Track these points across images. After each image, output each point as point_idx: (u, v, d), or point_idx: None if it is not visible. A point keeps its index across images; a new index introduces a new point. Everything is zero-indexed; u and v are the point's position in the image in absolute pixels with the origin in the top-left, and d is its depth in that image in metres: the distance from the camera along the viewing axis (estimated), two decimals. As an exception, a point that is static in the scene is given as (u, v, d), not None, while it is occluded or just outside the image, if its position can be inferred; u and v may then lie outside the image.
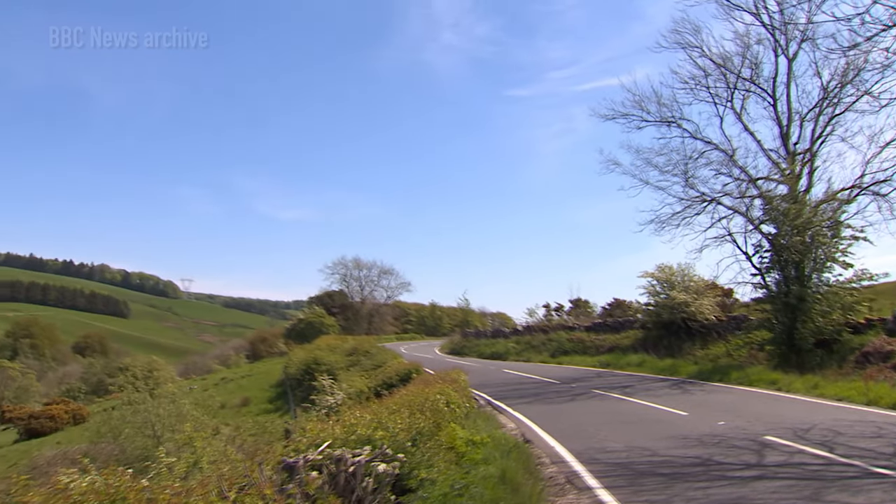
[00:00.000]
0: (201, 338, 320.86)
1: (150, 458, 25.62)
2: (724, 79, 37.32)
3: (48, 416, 61.30)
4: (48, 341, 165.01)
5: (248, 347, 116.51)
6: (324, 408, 30.29)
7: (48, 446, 47.75)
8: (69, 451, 37.32)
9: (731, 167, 36.70)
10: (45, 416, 61.41)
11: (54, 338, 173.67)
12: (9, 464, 46.11)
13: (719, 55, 37.07)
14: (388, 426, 10.52)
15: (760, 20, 35.52)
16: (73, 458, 33.05)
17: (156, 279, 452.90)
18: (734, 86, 37.21)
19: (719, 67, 37.21)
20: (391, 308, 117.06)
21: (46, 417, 60.93)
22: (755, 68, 36.53)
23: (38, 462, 36.04)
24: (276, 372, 64.19)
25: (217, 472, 9.78)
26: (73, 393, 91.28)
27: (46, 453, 39.45)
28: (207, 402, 43.75)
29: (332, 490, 7.58)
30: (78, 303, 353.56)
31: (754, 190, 35.47)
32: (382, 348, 55.19)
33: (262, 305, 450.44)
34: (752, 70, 36.58)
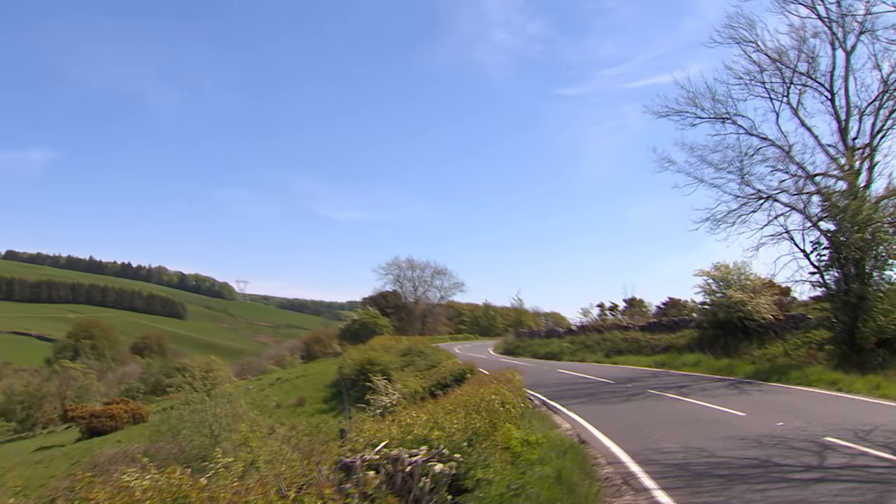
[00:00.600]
0: (256, 338, 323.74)
1: (208, 458, 25.92)
2: (780, 74, 36.75)
3: (108, 415, 62.24)
4: (108, 342, 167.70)
5: (303, 348, 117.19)
6: (378, 408, 30.38)
7: (109, 445, 48.51)
8: (129, 450, 37.82)
9: (787, 163, 36.10)
10: (106, 415, 62.36)
11: (114, 339, 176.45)
12: (72, 461, 46.95)
13: (774, 50, 36.52)
14: (444, 426, 10.53)
15: (817, 13, 35.00)
16: (133, 457, 33.56)
17: (212, 281, 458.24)
18: (790, 81, 36.61)
19: (775, 62, 36.64)
20: (445, 308, 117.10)
21: (107, 416, 61.87)
22: (812, 62, 35.93)
23: (99, 460, 36.60)
24: (331, 372, 64.49)
25: (274, 471, 9.87)
26: (132, 393, 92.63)
27: (107, 451, 40.05)
28: (263, 402, 44.11)
29: (390, 490, 7.61)
30: (136, 304, 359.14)
31: (812, 186, 34.90)
32: (436, 348, 55.19)
33: (317, 306, 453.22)
34: (808, 64, 35.99)
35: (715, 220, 37.49)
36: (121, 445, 44.47)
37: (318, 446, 21.50)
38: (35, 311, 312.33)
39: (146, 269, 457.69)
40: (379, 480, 7.47)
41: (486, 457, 10.46)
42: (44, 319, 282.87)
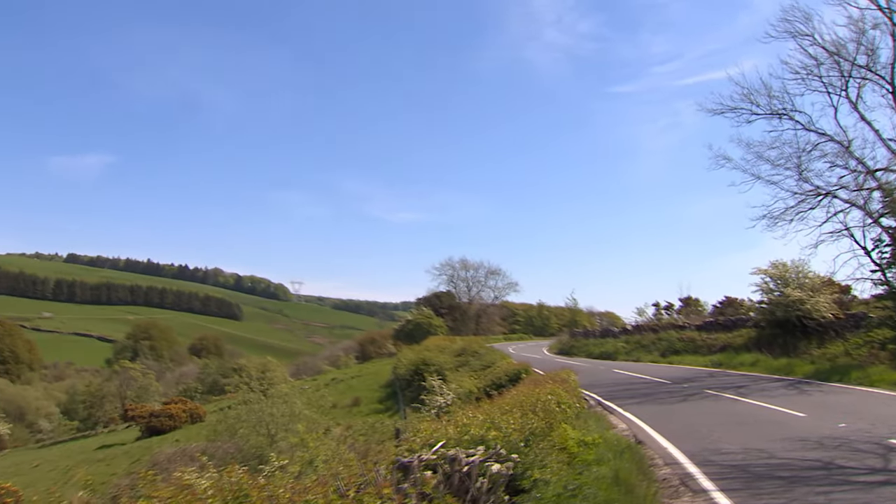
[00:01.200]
0: (311, 339, 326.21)
1: (265, 457, 26.17)
2: (838, 67, 36.00)
3: (167, 414, 63.09)
4: (166, 343, 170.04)
5: (358, 348, 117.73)
6: (433, 408, 30.44)
7: (168, 443, 49.23)
8: (188, 449, 38.28)
9: (847, 159, 35.41)
10: (165, 414, 63.21)
11: (172, 339, 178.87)
12: (132, 459, 47.70)
13: (832, 43, 35.78)
14: (500, 426, 10.52)
15: (876, 3, 34.22)
16: (192, 456, 33.99)
17: (267, 282, 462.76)
18: (849, 74, 35.84)
19: (832, 55, 35.91)
20: (499, 308, 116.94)
21: (166, 416, 62.72)
22: (871, 55, 35.14)
23: (158, 458, 37.13)
24: (386, 372, 64.73)
25: (331, 471, 9.92)
26: (189, 392, 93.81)
27: (166, 450, 40.63)
28: (319, 402, 44.39)
29: (448, 490, 7.60)
30: (193, 306, 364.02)
31: (872, 182, 34.24)
32: (491, 349, 55.17)
33: (371, 307, 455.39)
34: (867, 57, 35.21)
35: (772, 218, 36.95)
36: (179, 444, 45.06)
37: (373, 446, 21.63)
38: (96, 312, 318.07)
39: (203, 271, 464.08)
40: (436, 480, 7.48)
41: (542, 457, 10.42)
42: (104, 321, 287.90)
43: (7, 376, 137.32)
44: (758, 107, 37.87)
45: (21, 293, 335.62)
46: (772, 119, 37.70)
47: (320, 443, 23.97)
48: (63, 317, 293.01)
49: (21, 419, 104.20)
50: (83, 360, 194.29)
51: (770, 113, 37.61)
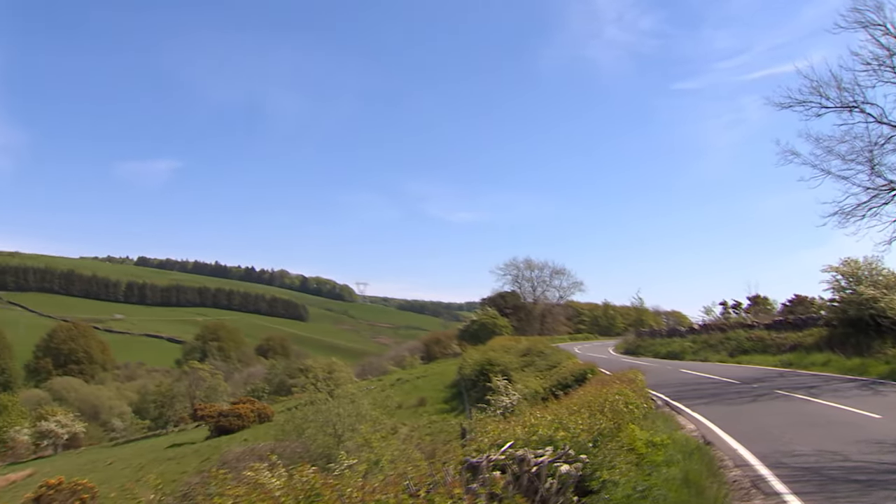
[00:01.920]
0: (377, 339, 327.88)
1: (332, 457, 26.35)
2: (912, 57, 35.09)
3: (236, 414, 63.93)
4: (233, 344, 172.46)
5: (423, 349, 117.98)
6: (499, 408, 30.35)
7: (236, 443, 49.89)
8: (256, 448, 38.69)
9: (922, 152, 34.53)
10: (233, 414, 64.07)
11: (239, 340, 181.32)
12: (202, 458, 48.44)
13: (905, 32, 34.88)
14: (568, 427, 10.47)
15: (955, -11, 33.32)
16: (260, 455, 34.32)
17: (332, 283, 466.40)
18: (923, 64, 34.92)
19: (906, 45, 35.02)
20: (564, 308, 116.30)
21: (234, 416, 63.56)
22: (946, 45, 34.21)
23: (227, 458, 37.59)
24: (451, 373, 64.76)
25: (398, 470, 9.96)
26: (257, 393, 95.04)
27: (235, 449, 41.16)
28: (385, 403, 44.58)
29: (517, 490, 7.59)
30: (260, 307, 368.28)
31: (949, 176, 33.35)
32: (556, 348, 54.87)
33: (436, 307, 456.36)
34: (942, 46, 34.28)
35: (844, 214, 36.11)
36: (248, 444, 45.62)
37: (440, 446, 21.62)
38: (165, 314, 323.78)
39: (269, 272, 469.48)
40: (506, 481, 7.46)
41: (611, 458, 10.35)
42: (173, 322, 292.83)
43: (81, 376, 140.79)
44: (827, 100, 37.01)
45: (94, 296, 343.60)
46: (842, 112, 36.80)
47: (387, 443, 24.06)
48: (134, 318, 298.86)
49: (95, 418, 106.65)
50: (154, 360, 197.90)
51: (840, 106, 36.74)
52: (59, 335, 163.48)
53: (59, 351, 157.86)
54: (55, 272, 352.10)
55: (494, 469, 7.73)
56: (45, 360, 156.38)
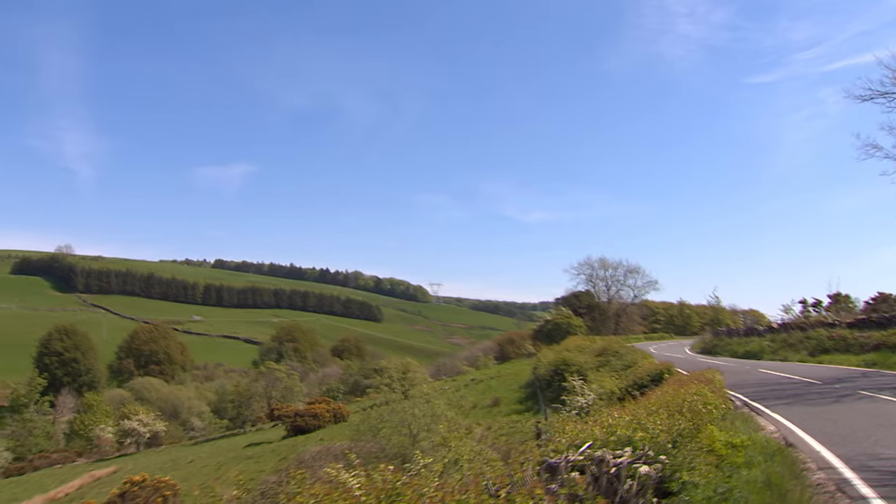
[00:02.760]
0: (450, 340, 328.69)
1: (408, 457, 26.48)
2: None
3: (312, 414, 64.58)
4: (309, 344, 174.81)
5: (496, 349, 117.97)
6: (574, 408, 30.23)
7: (312, 442, 50.47)
8: (332, 448, 39.08)
9: None
10: (309, 414, 64.75)
11: (314, 341, 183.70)
12: (279, 457, 49.08)
13: None
14: (647, 427, 10.38)
15: None
16: (336, 454, 34.72)
17: (406, 284, 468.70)
18: None
19: None
20: (638, 307, 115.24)
21: (310, 415, 64.22)
22: None
23: (304, 457, 38.06)
24: (525, 373, 64.56)
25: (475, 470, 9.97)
26: (332, 393, 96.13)
27: (311, 449, 41.65)
28: (460, 403, 44.67)
29: (596, 492, 7.55)
30: (335, 308, 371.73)
31: None
32: (632, 348, 54.35)
33: (509, 307, 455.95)
34: None
35: (929, 210, 35.10)
36: (324, 443, 46.09)
37: (515, 446, 21.60)
38: (242, 315, 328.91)
39: (344, 274, 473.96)
40: (585, 482, 7.43)
41: (690, 459, 10.23)
42: (250, 324, 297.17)
43: (162, 376, 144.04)
44: (911, 90, 36.01)
45: (174, 298, 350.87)
46: (927, 103, 35.79)
47: (462, 443, 24.11)
48: (212, 320, 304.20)
49: (175, 417, 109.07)
50: (231, 361, 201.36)
51: (925, 97, 35.73)
52: (141, 336, 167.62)
53: (140, 352, 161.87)
54: (136, 275, 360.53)
55: (573, 470, 7.70)
56: (127, 361, 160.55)
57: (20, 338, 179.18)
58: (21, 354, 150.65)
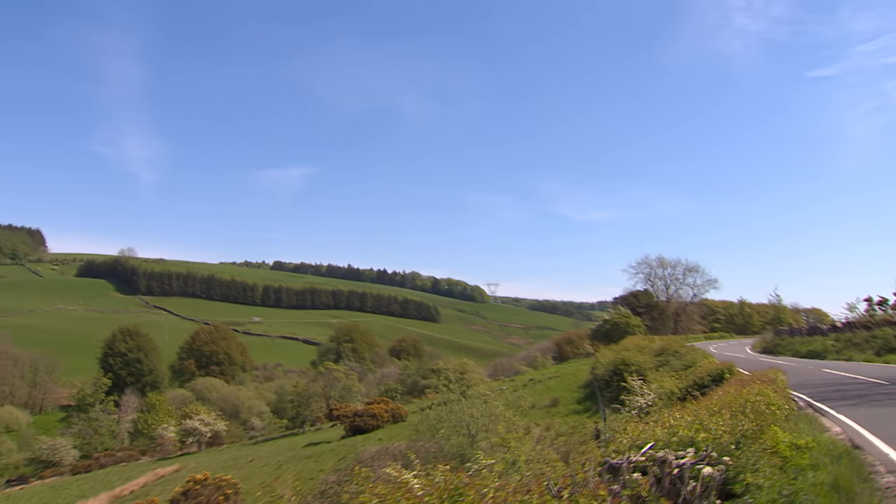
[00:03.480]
0: (508, 340, 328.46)
1: (466, 457, 26.44)
2: None
3: (370, 414, 64.92)
4: (367, 345, 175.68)
5: (554, 349, 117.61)
6: (633, 408, 29.97)
7: (371, 442, 50.73)
8: (390, 448, 39.19)
9: None
10: (368, 414, 65.09)
11: (372, 342, 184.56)
12: (338, 457, 49.39)
13: None
14: (709, 428, 10.24)
15: None
16: (394, 454, 34.84)
17: (463, 284, 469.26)
18: None
19: None
20: (698, 307, 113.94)
21: (369, 415, 64.56)
22: None
23: (363, 456, 38.20)
24: (583, 373, 64.24)
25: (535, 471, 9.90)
26: (390, 393, 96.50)
27: (370, 448, 41.80)
28: (518, 403, 44.52)
29: (659, 493, 7.45)
30: (392, 309, 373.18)
31: None
32: (691, 348, 53.77)
33: (567, 307, 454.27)
34: None
35: None
36: (382, 443, 46.28)
37: (575, 446, 21.47)
38: (301, 316, 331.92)
39: (401, 274, 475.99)
40: (648, 483, 7.33)
41: (754, 461, 10.06)
42: (308, 324, 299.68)
43: (222, 376, 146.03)
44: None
45: (233, 299, 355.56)
46: None
47: (522, 443, 24.02)
48: (271, 321, 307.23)
49: (236, 417, 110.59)
50: (290, 361, 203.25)
51: None
52: (202, 337, 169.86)
53: (201, 352, 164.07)
54: (197, 277, 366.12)
55: (635, 471, 7.62)
56: (188, 362, 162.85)
57: (86, 339, 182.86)
58: (87, 355, 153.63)
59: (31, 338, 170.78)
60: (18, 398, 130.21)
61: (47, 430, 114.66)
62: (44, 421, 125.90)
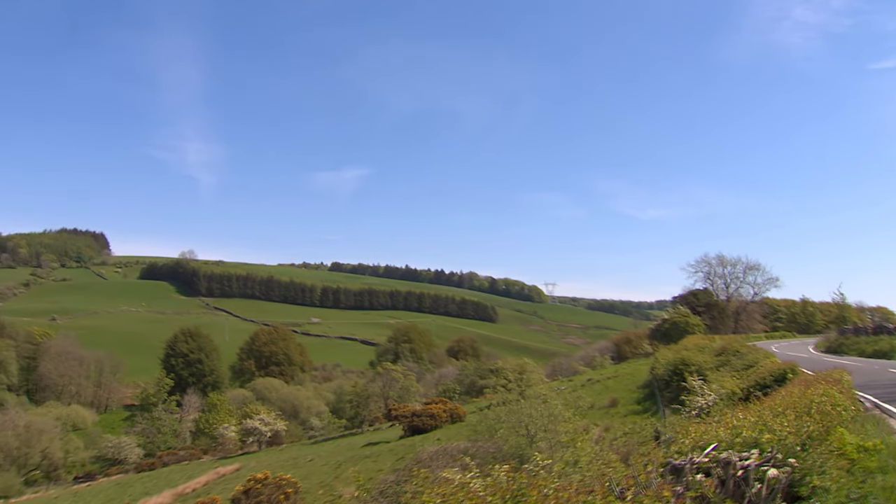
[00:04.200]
0: (566, 340, 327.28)
1: (525, 457, 26.34)
2: None
3: (428, 414, 64.93)
4: (425, 345, 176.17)
5: (613, 349, 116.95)
6: (694, 409, 29.66)
7: (429, 442, 50.73)
8: (449, 448, 39.19)
9: None
10: (426, 414, 65.12)
11: (430, 342, 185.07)
12: (397, 457, 49.52)
13: None
14: (774, 429, 10.04)
15: None
16: (453, 454, 34.85)
17: (521, 284, 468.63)
18: None
19: None
20: (758, 305, 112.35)
21: (427, 415, 64.58)
22: None
23: (421, 456, 38.24)
24: (642, 373, 63.74)
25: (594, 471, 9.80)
26: (448, 393, 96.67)
27: (429, 448, 41.80)
28: (577, 403, 44.31)
29: (723, 495, 7.32)
30: (450, 309, 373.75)
31: None
32: (753, 347, 53.00)
33: (625, 307, 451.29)
34: None
35: None
36: (441, 443, 46.25)
37: (635, 447, 21.26)
38: (358, 317, 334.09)
39: (458, 275, 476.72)
40: (712, 484, 7.21)
41: (821, 463, 9.84)
42: (366, 325, 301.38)
43: (282, 377, 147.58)
44: None
45: (292, 300, 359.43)
46: None
47: (583, 444, 23.89)
48: (329, 322, 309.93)
49: (295, 416, 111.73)
50: (348, 362, 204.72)
51: None
52: (261, 338, 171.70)
53: (261, 353, 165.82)
54: (256, 279, 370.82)
55: (697, 472, 7.49)
56: (248, 362, 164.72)
57: (148, 340, 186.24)
58: (149, 356, 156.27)
59: (96, 339, 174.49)
60: (84, 398, 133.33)
61: (112, 429, 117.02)
62: (109, 420, 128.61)
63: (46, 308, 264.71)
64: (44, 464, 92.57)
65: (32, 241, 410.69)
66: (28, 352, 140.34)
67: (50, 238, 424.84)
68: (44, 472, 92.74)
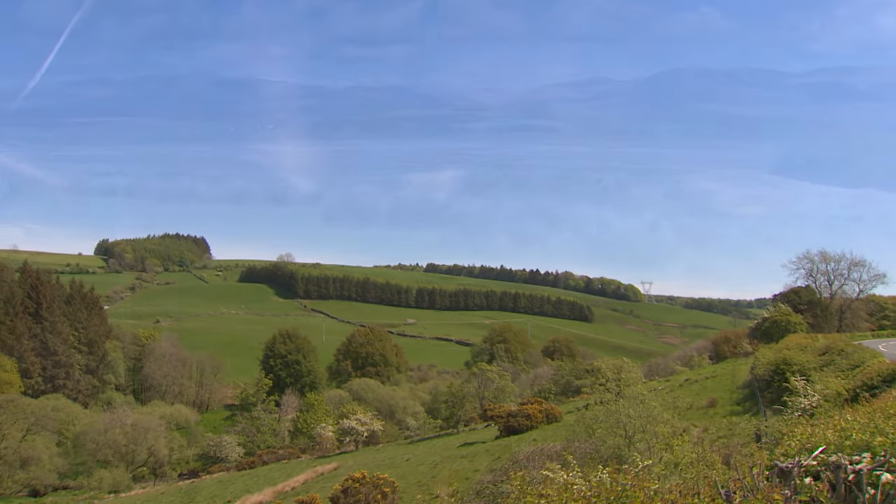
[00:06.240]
0: (663, 339, 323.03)
1: (623, 458, 25.94)
2: None
3: (524, 414, 64.63)
4: (520, 345, 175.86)
5: (711, 348, 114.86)
6: (797, 410, 28.85)
7: (525, 443, 50.54)
8: (545, 448, 38.91)
9: None
10: (522, 414, 64.81)
11: (525, 342, 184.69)
12: (492, 457, 49.49)
13: None
14: (886, 432, 9.57)
15: None
16: (550, 455, 34.55)
17: (617, 283, 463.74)
18: None
19: None
20: (864, 303, 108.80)
21: (523, 416, 64.28)
22: None
23: (518, 457, 38.07)
24: (742, 373, 62.48)
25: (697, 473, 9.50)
26: (544, 393, 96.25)
27: (524, 449, 41.62)
28: (676, 403, 43.62)
29: (835, 499, 6.97)
30: (545, 309, 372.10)
31: None
32: (858, 346, 51.38)
33: (724, 305, 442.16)
34: None
35: None
36: (537, 444, 45.98)
37: (737, 449, 20.74)
38: (453, 317, 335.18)
39: (553, 274, 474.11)
40: (823, 489, 6.86)
41: (938, 468, 9.33)
42: (461, 326, 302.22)
43: (378, 377, 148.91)
44: None
45: (388, 302, 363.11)
46: None
47: (683, 445, 23.43)
48: (424, 322, 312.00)
49: (391, 416, 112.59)
50: (444, 362, 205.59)
51: None
52: (358, 339, 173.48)
53: (357, 354, 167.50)
54: (352, 281, 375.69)
55: (806, 475, 7.14)
56: (345, 363, 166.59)
57: (248, 341, 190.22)
58: (249, 357, 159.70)
59: (197, 340, 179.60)
60: (187, 397, 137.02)
61: (214, 428, 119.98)
62: (210, 419, 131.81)
63: (151, 311, 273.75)
64: (150, 461, 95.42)
65: (137, 246, 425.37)
66: (134, 353, 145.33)
67: (154, 243, 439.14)
68: (150, 468, 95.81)
